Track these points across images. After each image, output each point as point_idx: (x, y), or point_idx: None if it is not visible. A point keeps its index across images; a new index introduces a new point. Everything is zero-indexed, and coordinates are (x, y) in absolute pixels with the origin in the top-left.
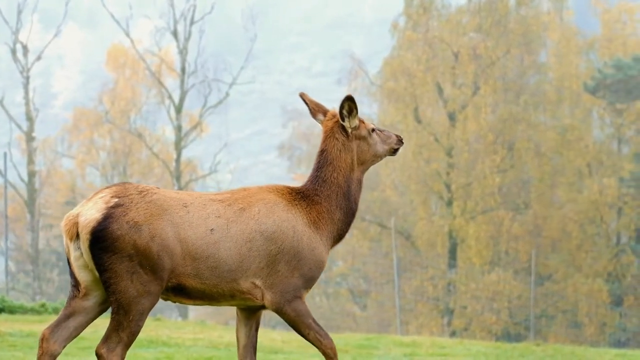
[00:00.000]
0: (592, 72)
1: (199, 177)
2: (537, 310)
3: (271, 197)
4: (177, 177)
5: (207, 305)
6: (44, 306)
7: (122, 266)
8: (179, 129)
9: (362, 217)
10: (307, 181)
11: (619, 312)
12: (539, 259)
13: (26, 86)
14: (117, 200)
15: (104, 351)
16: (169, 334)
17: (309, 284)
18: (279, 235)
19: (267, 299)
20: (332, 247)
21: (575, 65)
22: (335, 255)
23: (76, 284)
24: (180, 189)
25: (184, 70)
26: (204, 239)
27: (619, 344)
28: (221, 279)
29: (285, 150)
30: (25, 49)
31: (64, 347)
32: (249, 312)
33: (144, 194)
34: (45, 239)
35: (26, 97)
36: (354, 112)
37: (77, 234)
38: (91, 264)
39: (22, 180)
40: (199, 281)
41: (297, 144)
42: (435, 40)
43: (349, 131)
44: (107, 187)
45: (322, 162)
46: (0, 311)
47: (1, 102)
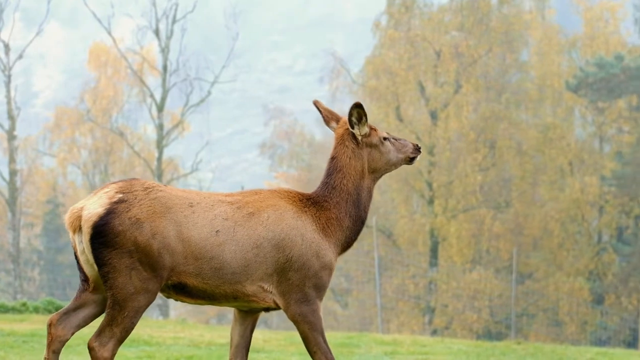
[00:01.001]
0: (574, 70)
1: (180, 175)
2: (518, 308)
3: (282, 203)
4: (159, 176)
5: (209, 304)
6: (25, 305)
7: (122, 262)
8: (160, 127)
9: None
10: (318, 188)
11: (600, 310)
12: (520, 257)
13: (8, 85)
14: (121, 196)
15: (96, 345)
16: (150, 333)
17: (320, 292)
18: (287, 243)
19: (282, 305)
20: (340, 254)
21: (557, 63)
22: None
23: (85, 278)
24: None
25: (165, 68)
26: (208, 240)
27: (600, 343)
28: (224, 281)
29: (266, 148)
30: (7, 47)
31: (72, 333)
32: (247, 313)
33: (149, 190)
34: (26, 237)
35: (8, 96)
36: (363, 119)
37: (80, 227)
38: (91, 258)
39: (3, 179)
40: (201, 281)
41: (278, 142)
42: (417, 38)
43: (359, 138)
44: (114, 182)
45: (332, 169)
46: None
47: None
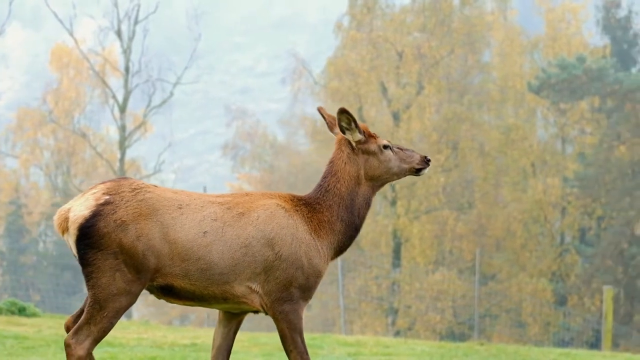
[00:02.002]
0: (536, 71)
1: (142, 176)
2: (481, 309)
3: (272, 203)
4: None
5: (198, 306)
6: None
7: (107, 263)
8: (122, 128)
9: None
10: (312, 190)
11: (563, 311)
12: (483, 258)
13: None
14: (107, 197)
15: (72, 342)
16: (113, 334)
17: (306, 294)
18: (277, 241)
19: (266, 305)
20: (332, 259)
21: (519, 64)
22: None
23: None
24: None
25: (127, 70)
26: (195, 241)
27: (563, 344)
28: (212, 282)
29: (229, 149)
30: None
31: None
32: (232, 315)
33: (136, 192)
34: None
35: None
36: (352, 124)
37: (68, 229)
38: (76, 257)
39: None
40: (188, 282)
41: (241, 143)
42: (379, 39)
43: (354, 144)
44: (103, 182)
45: (328, 172)
46: None
47: None
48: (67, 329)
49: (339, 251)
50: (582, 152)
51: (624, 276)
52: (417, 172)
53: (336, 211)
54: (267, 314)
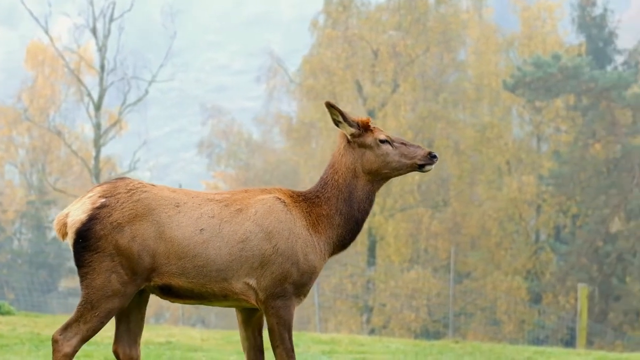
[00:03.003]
0: (512, 70)
1: (118, 174)
2: (456, 307)
3: (271, 197)
4: (96, 175)
5: (200, 304)
6: None
7: (103, 265)
8: (98, 126)
9: None
10: (313, 185)
11: (538, 309)
12: (458, 256)
13: None
14: (103, 200)
15: (60, 338)
16: None
17: (299, 290)
18: (274, 235)
19: (260, 300)
20: (333, 254)
21: (494, 63)
22: None
23: None
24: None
25: (103, 67)
26: (192, 239)
27: (538, 342)
28: (209, 278)
29: (204, 147)
30: None
31: (137, 346)
32: (248, 315)
33: (132, 192)
34: None
35: None
36: (341, 117)
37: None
38: (74, 258)
39: None
40: (186, 280)
41: (216, 141)
42: (354, 38)
43: (349, 137)
44: (100, 184)
45: (327, 166)
46: None
47: None
48: (115, 353)
49: (341, 246)
50: (557, 150)
51: (598, 274)
52: (419, 168)
53: (334, 204)
54: (260, 309)
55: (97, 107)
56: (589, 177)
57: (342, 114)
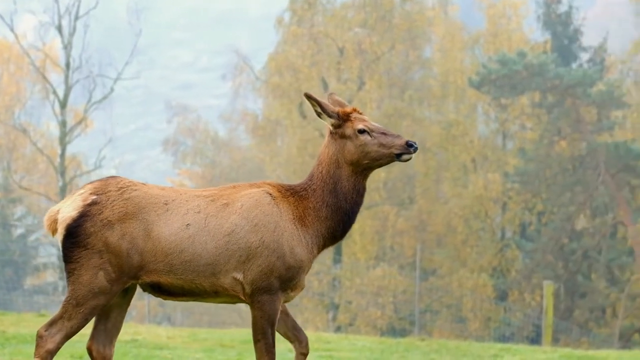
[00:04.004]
0: (477, 67)
1: (83, 172)
2: (422, 305)
3: (258, 191)
4: (62, 173)
5: (194, 301)
6: None
7: (91, 261)
8: (63, 124)
9: None
10: (303, 179)
11: (504, 306)
12: (424, 253)
13: None
14: (94, 197)
15: (45, 334)
16: None
17: (286, 284)
18: (260, 227)
19: (246, 294)
20: (324, 247)
21: (460, 60)
22: None
23: None
24: (65, 185)
25: (68, 65)
26: (178, 234)
27: (504, 339)
28: (197, 274)
29: (170, 145)
30: None
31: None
32: None
33: (122, 190)
34: None
35: None
36: (319, 108)
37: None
38: (62, 253)
39: None
40: (174, 277)
41: (181, 139)
42: (320, 35)
43: (331, 128)
44: (91, 182)
45: (316, 159)
46: None
47: None
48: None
49: (332, 239)
50: (522, 147)
51: (564, 271)
52: (397, 157)
53: (320, 195)
54: (246, 302)
55: (63, 105)
56: (555, 175)
57: (321, 105)
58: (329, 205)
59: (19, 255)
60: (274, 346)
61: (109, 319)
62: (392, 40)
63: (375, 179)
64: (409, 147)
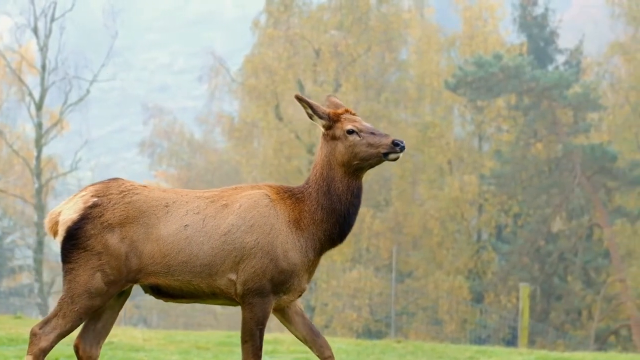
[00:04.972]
0: (453, 69)
1: (59, 174)
2: (398, 307)
3: (257, 193)
4: (38, 175)
5: (194, 303)
6: None
7: (90, 262)
8: (39, 126)
9: None
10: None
11: (480, 308)
12: (400, 256)
13: None
14: (95, 200)
15: (39, 332)
16: (27, 331)
17: (278, 288)
18: (256, 229)
19: (239, 295)
20: (323, 251)
21: (436, 62)
22: None
23: None
24: (41, 187)
25: (44, 67)
26: (176, 236)
27: (480, 341)
28: (194, 275)
29: (146, 147)
30: None
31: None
32: (283, 311)
33: (124, 194)
34: None
35: None
36: (310, 109)
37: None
38: (60, 253)
39: None
40: (172, 278)
41: (158, 141)
42: (296, 37)
43: (323, 130)
44: (93, 184)
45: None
46: None
47: None
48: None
49: (330, 242)
50: (498, 149)
51: (540, 273)
52: (384, 156)
53: (315, 198)
54: (238, 303)
55: (39, 107)
56: (531, 177)
57: (312, 106)
58: (324, 207)
59: None
60: (261, 349)
61: (100, 320)
62: (368, 42)
63: None
64: (395, 146)
